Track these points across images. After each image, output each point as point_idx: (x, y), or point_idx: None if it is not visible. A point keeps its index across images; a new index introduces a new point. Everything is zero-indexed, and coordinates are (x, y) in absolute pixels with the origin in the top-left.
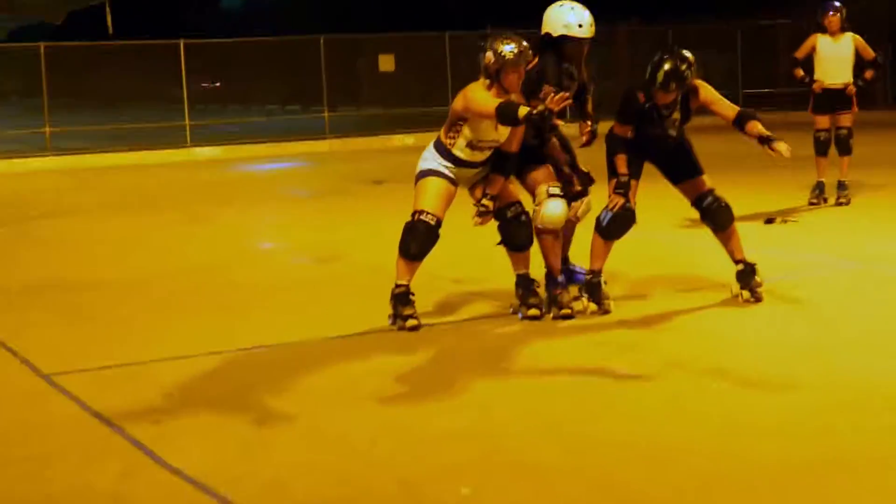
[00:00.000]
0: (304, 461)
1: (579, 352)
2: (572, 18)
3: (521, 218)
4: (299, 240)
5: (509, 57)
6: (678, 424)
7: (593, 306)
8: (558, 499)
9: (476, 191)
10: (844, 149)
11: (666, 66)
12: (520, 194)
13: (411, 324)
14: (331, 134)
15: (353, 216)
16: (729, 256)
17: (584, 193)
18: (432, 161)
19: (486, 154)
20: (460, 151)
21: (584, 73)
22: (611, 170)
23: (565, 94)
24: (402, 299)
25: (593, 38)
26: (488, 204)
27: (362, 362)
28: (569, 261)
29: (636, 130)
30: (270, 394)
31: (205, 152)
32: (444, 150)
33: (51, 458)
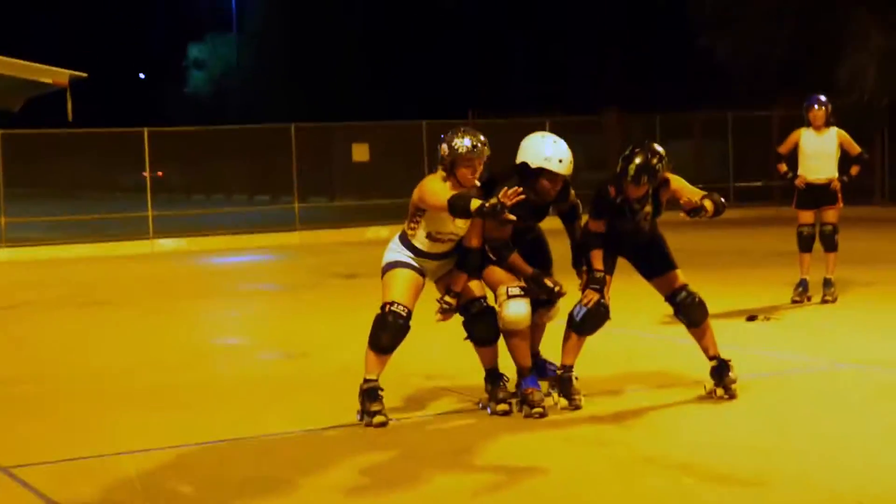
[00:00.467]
0: None
1: (547, 448)
2: (552, 152)
3: (486, 314)
4: (266, 335)
5: (461, 151)
6: None
7: (564, 402)
8: None
9: (439, 287)
10: (830, 245)
11: (637, 160)
12: (486, 289)
13: (378, 420)
14: (301, 226)
15: (324, 311)
16: (703, 353)
17: (551, 303)
18: (398, 252)
19: (447, 246)
20: (420, 243)
21: (571, 195)
22: (586, 265)
23: (518, 189)
24: (371, 395)
25: (567, 178)
26: (451, 301)
27: (327, 456)
28: (539, 354)
29: (609, 225)
30: (233, 487)
31: (168, 244)
32: (407, 241)
33: None
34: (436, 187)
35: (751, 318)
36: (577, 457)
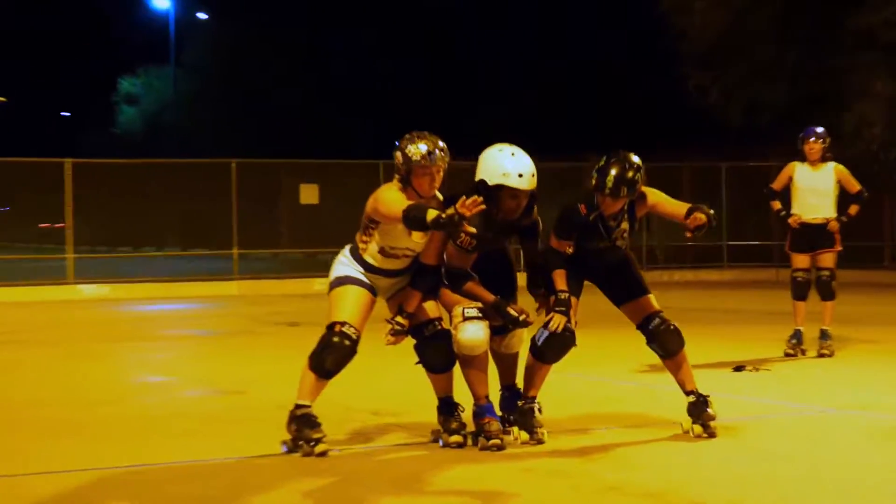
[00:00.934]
0: None
1: (505, 477)
2: (511, 166)
3: (441, 337)
4: (196, 374)
5: (416, 159)
6: None
7: (525, 436)
8: None
9: (391, 306)
10: (827, 293)
11: (613, 170)
12: (442, 310)
13: (321, 448)
14: (240, 275)
15: (259, 355)
16: (679, 387)
17: (507, 329)
18: (348, 266)
19: (401, 262)
20: (371, 258)
21: (533, 213)
22: (545, 286)
23: (478, 199)
24: (308, 421)
25: (533, 192)
26: (403, 322)
27: (268, 481)
28: (515, 386)
29: (576, 246)
30: None
31: (90, 290)
32: (357, 255)
33: None
34: (391, 197)
35: (738, 369)
36: (537, 486)
